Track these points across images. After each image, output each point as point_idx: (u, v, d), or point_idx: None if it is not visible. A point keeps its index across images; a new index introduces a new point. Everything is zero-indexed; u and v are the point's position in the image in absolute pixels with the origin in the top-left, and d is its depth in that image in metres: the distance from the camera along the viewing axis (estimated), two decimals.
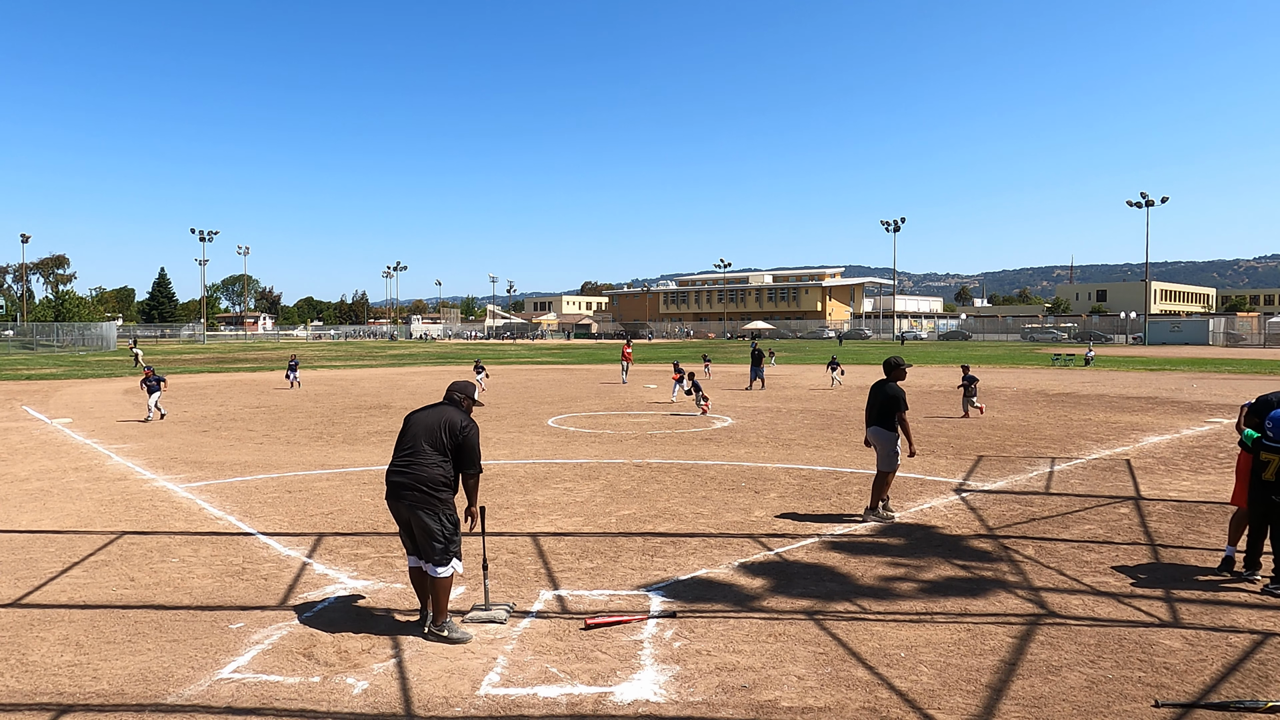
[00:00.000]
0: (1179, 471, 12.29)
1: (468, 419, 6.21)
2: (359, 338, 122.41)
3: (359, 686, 5.14)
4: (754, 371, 28.28)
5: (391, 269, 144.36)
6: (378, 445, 15.27)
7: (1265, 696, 4.91)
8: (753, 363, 28.49)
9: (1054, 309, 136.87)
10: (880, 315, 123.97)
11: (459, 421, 6.10)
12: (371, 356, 57.11)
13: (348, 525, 9.22)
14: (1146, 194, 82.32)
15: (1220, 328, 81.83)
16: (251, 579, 7.29)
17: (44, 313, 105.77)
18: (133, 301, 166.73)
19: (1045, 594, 6.81)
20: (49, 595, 6.87)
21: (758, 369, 28.22)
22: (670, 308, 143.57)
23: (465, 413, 6.28)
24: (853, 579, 7.25)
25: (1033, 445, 14.90)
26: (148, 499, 10.65)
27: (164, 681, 5.20)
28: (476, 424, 6.29)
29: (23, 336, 76.22)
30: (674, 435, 16.55)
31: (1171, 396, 24.61)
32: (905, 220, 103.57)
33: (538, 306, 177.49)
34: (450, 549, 5.95)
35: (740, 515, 9.59)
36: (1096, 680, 5.17)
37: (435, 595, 5.92)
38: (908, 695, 4.99)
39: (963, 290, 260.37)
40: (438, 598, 5.93)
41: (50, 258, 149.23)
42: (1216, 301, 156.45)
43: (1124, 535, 8.67)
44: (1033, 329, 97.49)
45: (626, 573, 7.42)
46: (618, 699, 4.97)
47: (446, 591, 5.95)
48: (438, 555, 5.89)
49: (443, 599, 5.93)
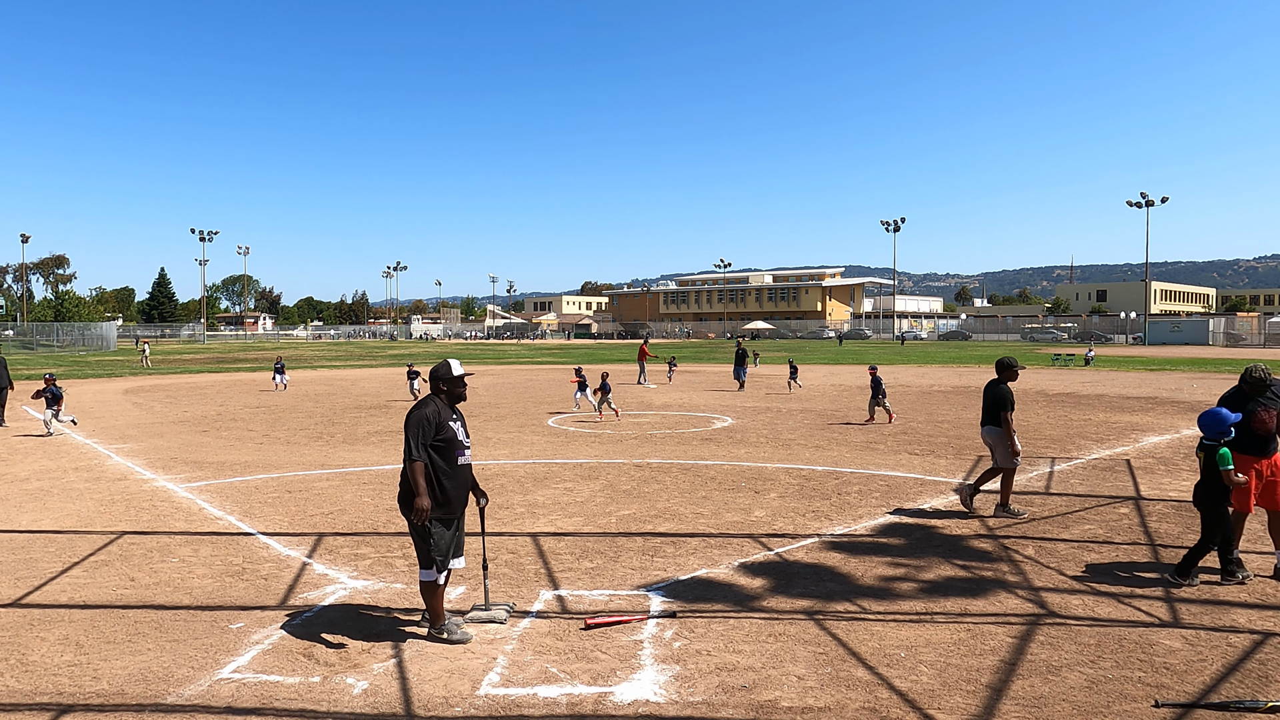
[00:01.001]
0: (1179, 471, 12.29)
1: (420, 402, 5.88)
2: (359, 338, 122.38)
3: (359, 686, 5.14)
4: (737, 371, 28.10)
5: (391, 269, 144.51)
6: (378, 445, 15.27)
7: (1265, 696, 4.91)
8: (736, 362, 28.34)
9: (1054, 309, 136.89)
10: (880, 315, 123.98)
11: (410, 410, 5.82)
12: (371, 356, 57.11)
13: (348, 525, 9.22)
14: (1146, 194, 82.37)
15: (1220, 328, 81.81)
16: (251, 579, 7.29)
17: (44, 313, 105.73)
18: (133, 301, 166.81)
19: (1045, 594, 6.81)
20: (49, 595, 6.87)
21: (741, 369, 28.04)
22: (670, 308, 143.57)
23: (435, 400, 5.89)
24: (853, 579, 7.25)
25: (1033, 445, 14.90)
26: (148, 499, 10.65)
27: (164, 681, 5.20)
28: (424, 403, 5.83)
29: (23, 336, 76.21)
30: (674, 435, 16.55)
31: (1171, 396, 24.61)
32: (905, 220, 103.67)
33: (538, 306, 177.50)
34: (429, 553, 5.75)
35: (740, 515, 9.59)
36: (1096, 680, 5.17)
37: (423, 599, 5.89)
38: (908, 695, 4.99)
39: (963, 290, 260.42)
40: (425, 602, 5.88)
41: (50, 258, 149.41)
42: (1216, 301, 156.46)
43: (1124, 535, 8.67)
44: (1033, 329, 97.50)
45: (626, 573, 7.42)
46: (618, 699, 4.97)
47: (430, 595, 5.81)
48: (419, 557, 5.86)
49: (429, 603, 5.84)
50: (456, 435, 5.87)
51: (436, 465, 5.77)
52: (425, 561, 5.78)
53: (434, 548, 5.74)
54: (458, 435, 5.89)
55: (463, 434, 5.96)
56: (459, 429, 5.93)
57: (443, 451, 5.80)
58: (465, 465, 5.94)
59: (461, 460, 5.90)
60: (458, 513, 5.96)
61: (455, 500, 5.88)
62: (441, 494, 5.78)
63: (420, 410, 5.78)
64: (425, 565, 5.79)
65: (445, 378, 5.97)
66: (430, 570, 5.77)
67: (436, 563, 5.76)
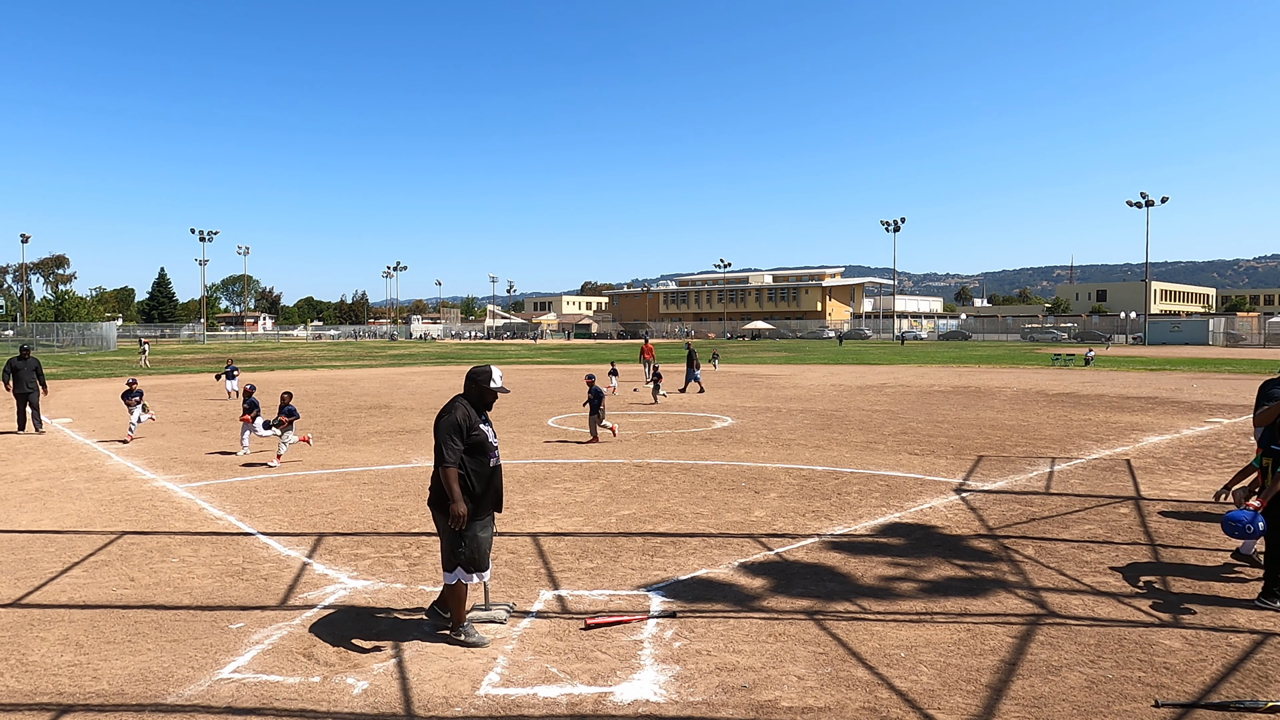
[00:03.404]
0: (1179, 471, 12.29)
1: (448, 406, 5.83)
2: (359, 338, 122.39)
3: (359, 686, 5.14)
4: (688, 373, 27.51)
5: (391, 269, 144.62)
6: (378, 445, 15.27)
7: (1265, 696, 4.91)
8: (687, 364, 27.86)
9: (1054, 309, 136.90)
10: (880, 315, 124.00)
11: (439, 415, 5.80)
12: (371, 356, 57.10)
13: (348, 525, 9.22)
14: (1146, 194, 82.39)
15: (1220, 328, 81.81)
16: (251, 579, 7.29)
17: (44, 313, 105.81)
18: (133, 301, 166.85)
19: (1045, 594, 6.81)
20: (49, 595, 6.87)
21: (692, 370, 27.47)
22: (670, 308, 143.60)
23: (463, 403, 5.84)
24: (853, 579, 7.25)
25: (1033, 445, 14.90)
26: (148, 499, 10.65)
27: (164, 681, 5.20)
28: (453, 407, 5.77)
29: (23, 336, 76.16)
30: (674, 435, 16.55)
31: (1171, 396, 24.61)
32: (905, 220, 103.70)
33: (538, 306, 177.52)
34: (461, 555, 5.77)
35: (740, 515, 9.59)
36: (1096, 680, 5.17)
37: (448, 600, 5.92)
38: (908, 695, 4.99)
39: (963, 290, 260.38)
40: (448, 603, 5.91)
41: (50, 258, 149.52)
42: (1216, 301, 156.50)
43: (1124, 535, 8.67)
44: (1033, 329, 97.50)
45: (626, 573, 7.42)
46: (618, 699, 4.97)
47: (455, 597, 5.83)
48: (445, 559, 5.88)
49: (452, 605, 5.86)
50: (487, 438, 5.87)
51: (469, 468, 5.78)
52: (452, 563, 5.79)
53: (475, 550, 5.78)
54: (488, 438, 5.89)
55: (492, 435, 5.96)
56: (489, 431, 5.94)
57: (474, 454, 5.80)
58: (496, 467, 5.96)
59: (493, 462, 5.92)
60: (491, 515, 6.00)
61: (490, 503, 5.94)
62: (476, 497, 5.81)
63: (449, 415, 5.75)
64: (450, 567, 5.80)
65: (484, 384, 5.94)
66: (456, 572, 5.79)
67: (477, 565, 5.80)
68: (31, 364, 17.54)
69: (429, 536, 8.64)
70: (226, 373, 25.44)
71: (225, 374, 25.39)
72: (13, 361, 17.50)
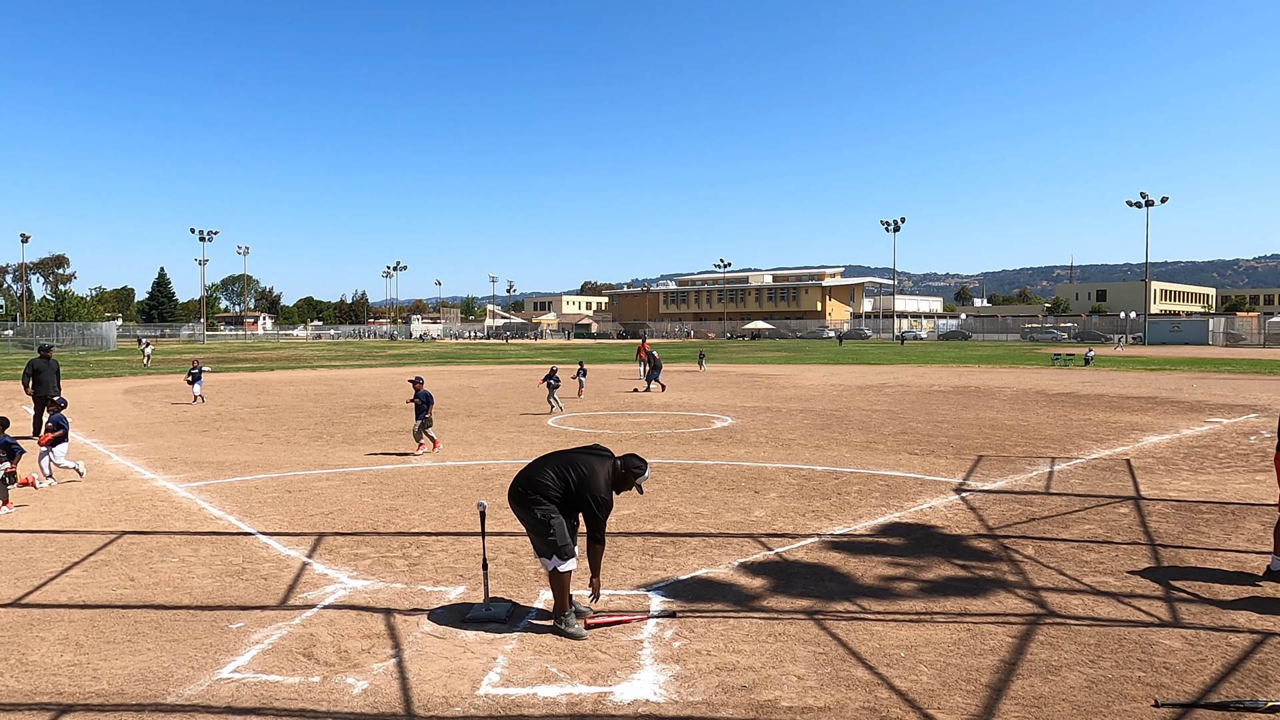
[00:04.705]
0: (1179, 471, 12.29)
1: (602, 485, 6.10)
2: (359, 338, 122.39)
3: (359, 686, 5.14)
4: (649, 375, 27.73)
5: (391, 269, 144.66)
6: (377, 445, 15.27)
7: (1265, 696, 4.91)
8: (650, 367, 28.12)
9: (1054, 309, 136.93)
10: (880, 315, 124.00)
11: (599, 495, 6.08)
12: (371, 356, 57.10)
13: (348, 525, 9.22)
14: (1146, 194, 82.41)
15: (1220, 328, 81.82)
16: (251, 579, 7.29)
17: (44, 312, 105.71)
18: (133, 301, 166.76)
19: (1045, 594, 6.81)
20: (49, 595, 6.87)
21: (653, 373, 27.66)
22: (670, 308, 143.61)
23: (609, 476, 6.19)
24: (853, 579, 7.25)
25: (1033, 445, 14.90)
26: (148, 499, 10.65)
27: (164, 681, 5.20)
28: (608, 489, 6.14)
29: (22, 336, 76.16)
30: (674, 435, 16.55)
31: (1171, 396, 24.61)
32: (905, 220, 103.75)
33: (538, 306, 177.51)
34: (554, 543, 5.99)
35: (740, 515, 9.59)
36: (1096, 680, 5.17)
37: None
38: (908, 695, 4.99)
39: (963, 290, 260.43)
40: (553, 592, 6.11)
41: (50, 257, 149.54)
42: (1216, 301, 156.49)
43: (1124, 535, 8.68)
44: (1032, 329, 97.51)
45: (626, 572, 7.42)
46: (618, 699, 4.97)
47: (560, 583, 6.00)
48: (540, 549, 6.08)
49: (557, 591, 6.04)
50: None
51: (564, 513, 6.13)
52: (548, 550, 5.97)
53: (559, 536, 5.95)
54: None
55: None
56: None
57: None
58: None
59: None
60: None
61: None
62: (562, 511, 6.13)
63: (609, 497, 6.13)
64: (546, 554, 5.99)
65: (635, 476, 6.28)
66: (553, 559, 5.96)
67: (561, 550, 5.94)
68: (54, 366, 16.62)
69: (429, 536, 8.64)
70: (192, 374, 23.46)
71: (192, 376, 23.45)
72: (34, 363, 16.48)
